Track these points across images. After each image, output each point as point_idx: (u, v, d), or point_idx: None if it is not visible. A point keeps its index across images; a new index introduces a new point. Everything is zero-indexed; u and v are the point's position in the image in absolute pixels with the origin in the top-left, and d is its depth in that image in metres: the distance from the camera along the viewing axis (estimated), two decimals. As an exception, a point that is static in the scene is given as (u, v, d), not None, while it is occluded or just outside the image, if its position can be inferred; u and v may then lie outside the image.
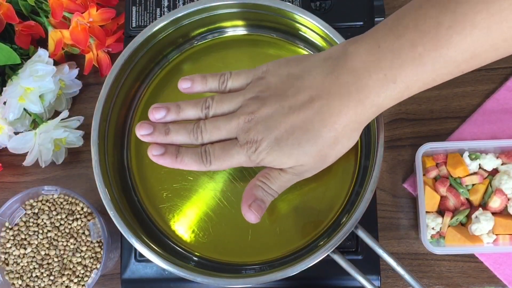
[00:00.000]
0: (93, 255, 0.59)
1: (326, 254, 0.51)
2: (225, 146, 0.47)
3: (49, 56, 0.62)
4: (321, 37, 0.58)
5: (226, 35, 0.63)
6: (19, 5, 0.65)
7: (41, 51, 0.62)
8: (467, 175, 0.62)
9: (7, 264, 0.60)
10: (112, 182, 0.57)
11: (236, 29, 0.63)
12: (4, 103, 0.61)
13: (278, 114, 0.45)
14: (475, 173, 0.62)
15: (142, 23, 0.64)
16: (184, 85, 0.50)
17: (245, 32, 0.63)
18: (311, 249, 0.56)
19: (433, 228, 0.61)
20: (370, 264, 0.58)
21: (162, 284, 0.59)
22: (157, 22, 0.58)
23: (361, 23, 0.62)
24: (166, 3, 0.64)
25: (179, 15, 0.58)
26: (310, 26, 0.57)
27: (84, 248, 0.59)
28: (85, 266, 0.59)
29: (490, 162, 0.62)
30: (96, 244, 0.59)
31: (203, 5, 0.58)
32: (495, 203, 0.61)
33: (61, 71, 0.65)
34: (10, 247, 0.60)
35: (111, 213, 0.54)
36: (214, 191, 0.59)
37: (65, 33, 0.63)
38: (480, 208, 0.61)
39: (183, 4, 0.64)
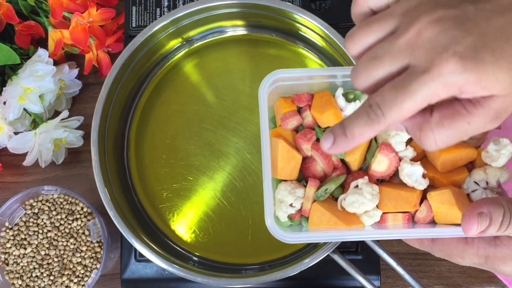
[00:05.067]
0: (93, 255, 0.59)
1: (326, 254, 0.51)
2: (396, 83, 0.32)
3: (49, 56, 0.62)
4: (321, 37, 0.58)
5: (226, 35, 0.63)
6: (19, 5, 0.65)
7: (41, 51, 0.62)
8: None
9: (7, 264, 0.60)
10: (112, 182, 0.57)
11: (236, 29, 0.63)
12: (4, 103, 0.61)
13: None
14: None
15: (142, 23, 0.64)
16: None
17: (245, 32, 0.63)
18: (311, 249, 0.56)
19: (291, 205, 0.41)
20: (370, 264, 0.58)
21: (162, 284, 0.59)
22: (157, 22, 0.58)
23: (361, 23, 0.62)
24: (166, 3, 0.64)
25: (179, 15, 0.58)
26: (310, 26, 0.57)
27: (84, 248, 0.59)
28: (85, 266, 0.59)
29: None
30: (96, 244, 0.59)
31: (203, 5, 0.58)
32: (381, 164, 0.41)
33: (61, 71, 0.65)
34: (10, 247, 0.60)
35: (111, 213, 0.54)
36: (214, 191, 0.59)
37: (65, 33, 0.63)
38: (366, 177, 0.41)
39: (183, 4, 0.64)
